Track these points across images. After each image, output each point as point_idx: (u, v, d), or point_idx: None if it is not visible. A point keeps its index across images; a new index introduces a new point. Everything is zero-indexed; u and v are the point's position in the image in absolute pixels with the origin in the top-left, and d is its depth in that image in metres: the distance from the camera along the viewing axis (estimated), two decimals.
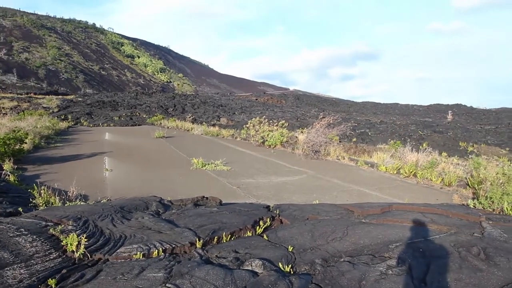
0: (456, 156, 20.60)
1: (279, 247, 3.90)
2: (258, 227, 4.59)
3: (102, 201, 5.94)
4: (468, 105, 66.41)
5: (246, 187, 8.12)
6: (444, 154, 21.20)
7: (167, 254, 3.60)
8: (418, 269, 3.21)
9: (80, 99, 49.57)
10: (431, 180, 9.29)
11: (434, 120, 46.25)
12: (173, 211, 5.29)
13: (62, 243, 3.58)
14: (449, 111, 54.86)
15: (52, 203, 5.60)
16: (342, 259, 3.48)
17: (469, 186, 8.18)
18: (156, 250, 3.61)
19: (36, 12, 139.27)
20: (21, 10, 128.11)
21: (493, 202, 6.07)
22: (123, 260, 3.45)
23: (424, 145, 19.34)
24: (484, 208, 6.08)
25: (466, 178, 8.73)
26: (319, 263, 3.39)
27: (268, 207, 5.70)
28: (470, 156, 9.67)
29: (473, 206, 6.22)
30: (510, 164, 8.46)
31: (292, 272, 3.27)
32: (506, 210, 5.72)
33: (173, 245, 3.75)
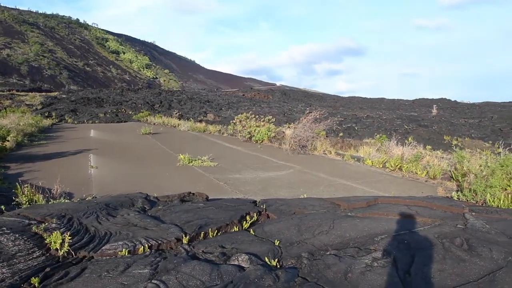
0: (440, 150, 20.90)
1: (265, 241, 3.91)
2: (244, 222, 4.59)
3: (87, 199, 5.87)
4: (452, 100, 67.29)
5: (233, 183, 8.11)
6: (429, 147, 21.50)
7: (153, 250, 3.58)
8: (403, 261, 3.25)
9: (64, 96, 48.72)
10: (416, 173, 9.41)
11: (419, 115, 46.81)
12: (159, 207, 5.26)
13: (45, 242, 3.52)
14: (434, 106, 55.52)
15: (35, 201, 5.51)
16: (328, 252, 3.50)
17: (453, 179, 8.30)
18: (142, 247, 3.58)
19: (17, 7, 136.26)
20: (1, 5, 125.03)
21: (476, 194, 6.18)
22: (108, 257, 3.42)
23: (410, 139, 19.58)
24: (467, 200, 6.19)
25: (450, 171, 8.85)
26: (305, 256, 3.40)
27: (255, 202, 5.71)
28: (454, 149, 9.82)
29: (457, 198, 6.33)
30: (493, 157, 8.60)
31: (278, 266, 3.28)
32: (488, 202, 5.83)
33: (159, 241, 3.73)
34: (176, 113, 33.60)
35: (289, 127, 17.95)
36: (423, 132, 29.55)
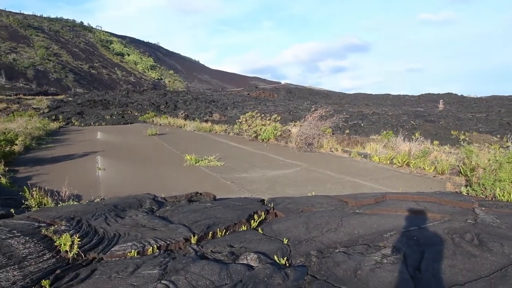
0: (448, 145, 20.74)
1: (274, 240, 3.90)
2: (252, 221, 4.58)
3: (95, 201, 5.89)
4: (459, 94, 66.68)
5: (240, 182, 8.11)
6: (436, 143, 21.34)
7: (161, 251, 3.59)
8: (413, 257, 3.23)
9: (70, 98, 49.02)
10: (424, 169, 9.35)
11: (425, 110, 46.46)
12: (167, 207, 5.27)
13: (55, 244, 3.55)
14: (440, 100, 55.01)
15: (44, 204, 5.54)
16: (337, 250, 3.49)
17: (461, 174, 8.24)
18: (151, 247, 3.59)
19: (22, 12, 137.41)
20: (6, 10, 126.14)
21: (485, 188, 6.13)
22: (117, 259, 3.44)
23: (417, 134, 19.45)
24: (476, 195, 6.14)
25: (458, 166, 8.79)
26: (314, 254, 3.39)
27: (262, 200, 5.70)
28: (462, 144, 9.77)
29: (466, 193, 6.28)
30: (502, 151, 8.53)
31: (287, 265, 3.27)
32: (498, 196, 5.78)
33: (168, 242, 3.74)
34: (182, 114, 33.69)
35: (295, 125, 17.93)
36: (430, 128, 29.34)
